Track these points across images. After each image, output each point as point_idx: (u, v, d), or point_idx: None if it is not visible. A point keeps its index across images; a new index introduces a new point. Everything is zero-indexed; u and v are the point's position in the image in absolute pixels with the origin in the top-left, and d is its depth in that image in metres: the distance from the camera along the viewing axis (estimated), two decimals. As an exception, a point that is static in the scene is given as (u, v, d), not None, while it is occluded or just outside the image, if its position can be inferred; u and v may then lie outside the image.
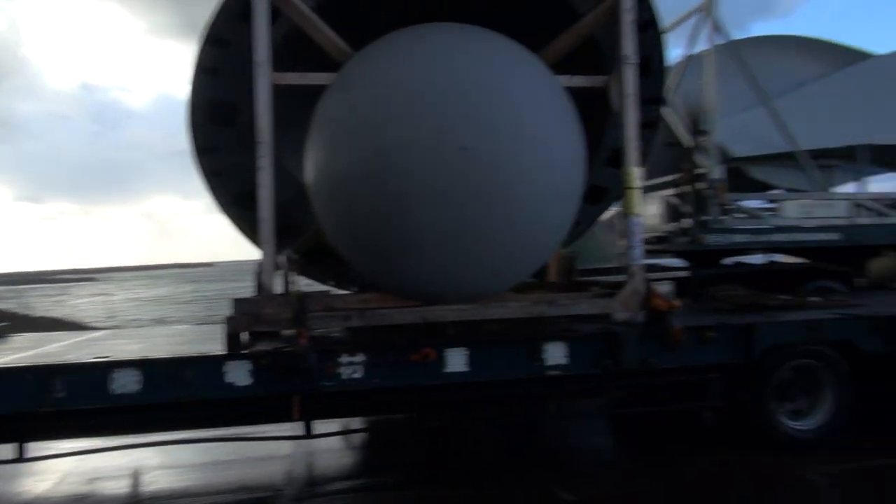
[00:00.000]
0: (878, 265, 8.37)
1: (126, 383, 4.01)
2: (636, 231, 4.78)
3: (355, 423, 5.44)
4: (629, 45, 4.74)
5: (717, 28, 7.41)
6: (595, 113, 4.93)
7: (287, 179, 4.99)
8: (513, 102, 4.39)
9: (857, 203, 8.37)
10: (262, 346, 4.23)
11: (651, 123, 5.27)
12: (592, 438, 5.71)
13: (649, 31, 5.04)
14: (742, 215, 8.04)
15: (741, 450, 4.88)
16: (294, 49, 4.76)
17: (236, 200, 5.31)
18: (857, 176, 9.24)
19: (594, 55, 5.18)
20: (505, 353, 4.52)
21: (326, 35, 4.62)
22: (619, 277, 5.11)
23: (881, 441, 5.04)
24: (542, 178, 4.38)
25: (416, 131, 4.23)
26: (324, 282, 5.83)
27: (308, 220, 5.08)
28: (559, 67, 4.79)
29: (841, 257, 8.02)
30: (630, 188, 4.78)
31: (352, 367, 4.28)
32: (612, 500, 4.36)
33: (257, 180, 4.42)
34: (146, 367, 4.10)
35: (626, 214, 4.84)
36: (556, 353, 4.52)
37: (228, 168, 5.21)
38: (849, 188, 9.62)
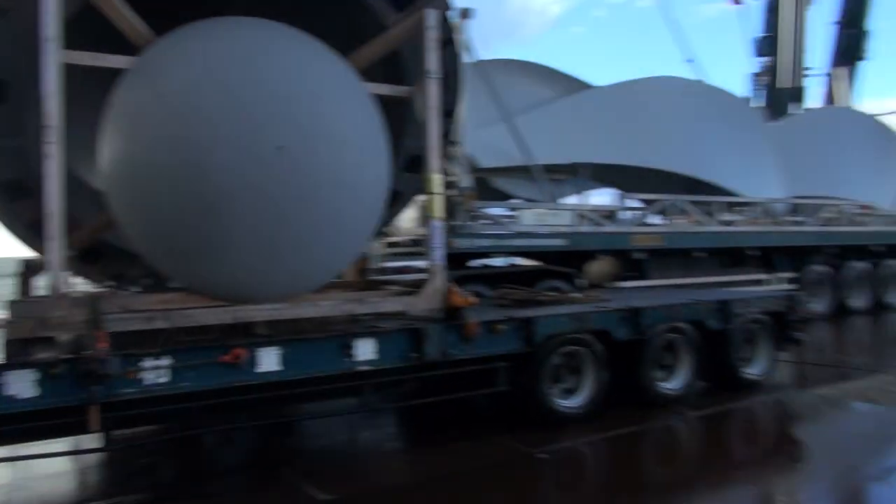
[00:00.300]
0: (595, 268, 9.80)
1: None
2: (438, 234, 5.10)
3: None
4: (433, 61, 5.02)
5: (466, 47, 7.74)
6: (393, 121, 5.09)
7: (34, 183, 4.46)
8: (328, 105, 4.47)
9: (580, 213, 9.65)
10: (50, 354, 3.85)
11: (446, 134, 5.60)
12: (361, 434, 5.75)
13: (448, 48, 5.38)
14: (487, 221, 8.95)
15: (519, 430, 5.38)
16: (86, 29, 4.26)
17: (7, 186, 4.72)
18: (580, 189, 10.52)
19: (395, 65, 5.42)
20: (317, 350, 4.61)
21: (124, 15, 4.32)
22: (414, 277, 5.68)
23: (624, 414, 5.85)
24: (355, 180, 4.51)
25: (232, 127, 4.13)
26: (100, 282, 5.44)
27: (83, 215, 4.79)
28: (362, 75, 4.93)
29: (566, 260, 9.08)
30: (433, 194, 5.09)
31: (157, 371, 4.09)
32: (370, 495, 4.43)
33: (44, 169, 3.98)
34: None
35: (428, 218, 5.14)
36: (366, 349, 4.74)
37: None
38: (573, 200, 11.26)
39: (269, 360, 4.43)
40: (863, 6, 24.65)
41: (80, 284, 5.02)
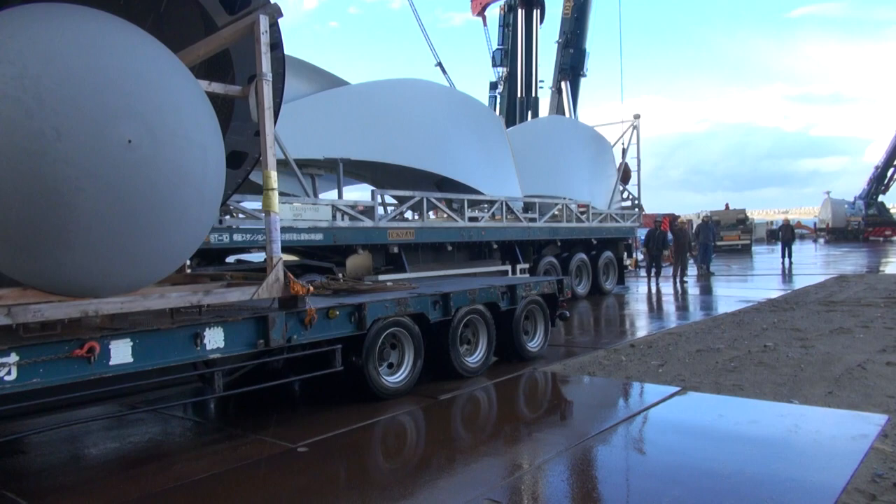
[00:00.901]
0: (353, 262, 10.18)
1: None
2: (275, 227, 5.35)
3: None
4: (265, 64, 5.20)
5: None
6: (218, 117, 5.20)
7: None
8: (171, 100, 4.47)
9: (338, 208, 9.81)
10: None
11: (257, 132, 5.74)
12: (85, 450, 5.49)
13: (276, 51, 5.58)
14: (242, 216, 8.89)
15: (281, 425, 5.67)
16: None
17: None
18: (336, 185, 11.19)
19: (218, 63, 5.57)
20: (169, 340, 4.73)
21: None
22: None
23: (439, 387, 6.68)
24: (197, 175, 4.58)
25: (79, 118, 3.98)
26: None
27: None
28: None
29: (325, 255, 9.47)
30: (269, 189, 5.31)
31: (4, 368, 3.97)
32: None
33: None
34: None
35: (266, 213, 5.32)
36: (215, 338, 4.96)
37: None
38: (331, 195, 11.47)
39: (121, 352, 4.47)
40: (582, 29, 27.96)
41: None
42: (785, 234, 27.85)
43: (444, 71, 22.97)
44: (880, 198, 52.19)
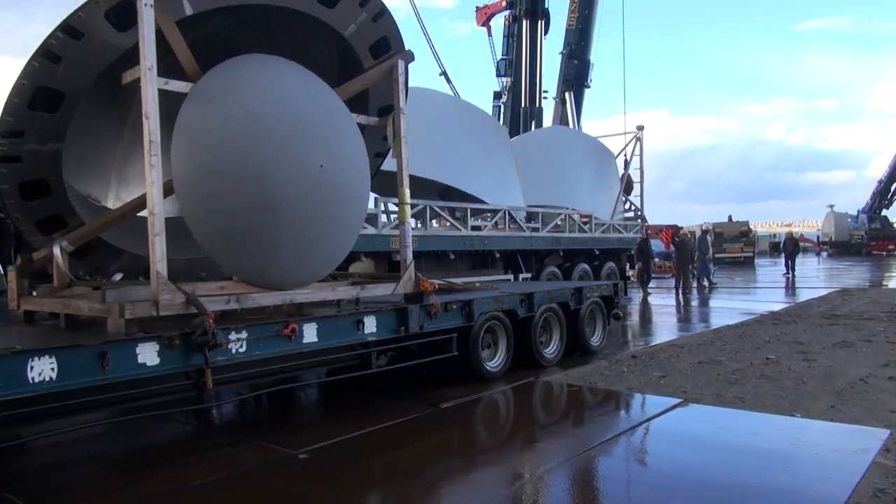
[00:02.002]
0: (356, 269, 10.09)
1: (33, 372, 4.05)
2: (407, 235, 6.54)
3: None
4: (402, 100, 6.38)
5: None
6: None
7: (58, 183, 5.47)
8: (342, 131, 5.74)
9: None
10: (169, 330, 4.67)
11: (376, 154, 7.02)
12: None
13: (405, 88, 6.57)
14: None
15: (280, 431, 5.81)
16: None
17: (23, 188, 5.35)
18: None
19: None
20: (342, 325, 5.86)
21: (183, 48, 4.96)
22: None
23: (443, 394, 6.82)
24: (359, 193, 5.91)
25: (287, 149, 5.15)
26: (81, 275, 5.94)
27: (73, 216, 5.66)
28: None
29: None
30: (403, 204, 6.50)
31: (238, 342, 5.03)
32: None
33: (148, 177, 4.67)
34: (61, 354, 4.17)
35: (401, 223, 6.57)
36: (371, 324, 6.07)
37: (27, 155, 5.17)
38: None
39: (311, 333, 5.53)
40: (586, 40, 28.02)
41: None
42: (788, 247, 27.90)
43: (448, 80, 23.09)
44: (884, 212, 52.12)
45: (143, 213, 4.96)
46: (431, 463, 5.03)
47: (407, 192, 6.44)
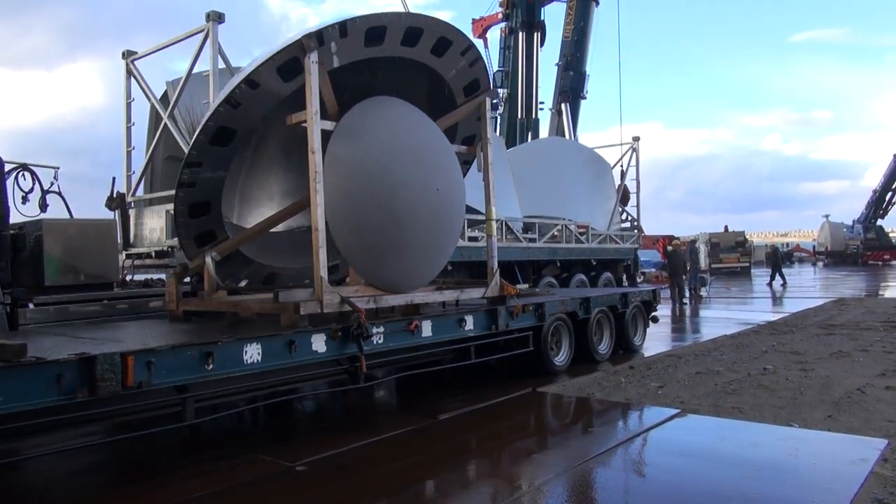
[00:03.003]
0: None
1: (247, 354, 5.05)
2: (494, 247, 7.55)
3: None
4: (489, 131, 7.57)
5: (220, 52, 7.77)
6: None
7: (217, 203, 6.57)
8: (450, 159, 6.94)
9: None
10: (332, 324, 5.66)
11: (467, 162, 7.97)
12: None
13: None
14: None
15: (275, 443, 5.83)
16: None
17: (191, 209, 6.37)
18: None
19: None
20: (449, 322, 6.90)
21: (330, 94, 5.92)
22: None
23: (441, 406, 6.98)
24: (460, 207, 7.11)
25: (411, 174, 6.29)
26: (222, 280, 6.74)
27: (222, 231, 6.75)
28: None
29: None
30: (490, 220, 7.54)
31: (378, 335, 5.99)
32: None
33: (313, 202, 5.62)
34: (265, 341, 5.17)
35: (488, 237, 7.62)
36: (469, 322, 7.06)
37: (201, 181, 6.21)
38: None
39: (426, 329, 6.53)
40: (582, 52, 28.13)
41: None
42: (772, 259, 28.84)
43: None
44: (879, 222, 52.31)
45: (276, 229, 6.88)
46: (428, 475, 5.00)
47: (493, 209, 7.48)
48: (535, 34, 27.04)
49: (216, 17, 7.63)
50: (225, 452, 5.56)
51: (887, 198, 51.10)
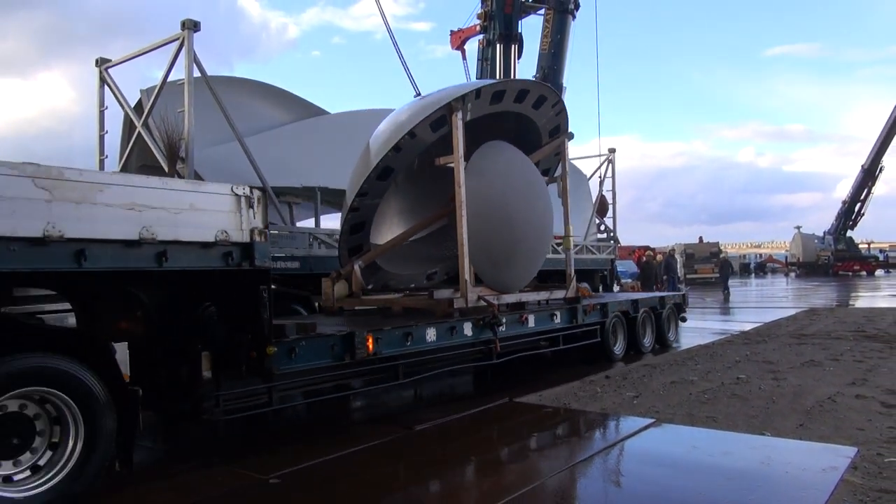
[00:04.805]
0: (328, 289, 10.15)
1: (428, 335, 6.89)
2: (571, 258, 9.49)
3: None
4: (566, 166, 9.46)
5: (195, 61, 7.70)
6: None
7: (370, 224, 8.47)
8: (544, 189, 8.75)
9: (315, 236, 9.57)
10: (477, 315, 7.51)
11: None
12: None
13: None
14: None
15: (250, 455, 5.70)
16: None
17: (352, 228, 8.14)
18: (314, 213, 10.86)
19: None
20: (545, 317, 8.75)
21: (462, 140, 7.42)
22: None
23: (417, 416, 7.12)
24: (551, 228, 8.92)
25: (525, 205, 8.03)
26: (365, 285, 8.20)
27: (367, 244, 8.49)
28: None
29: (301, 283, 9.18)
30: (568, 237, 9.51)
31: (503, 325, 7.64)
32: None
33: (460, 226, 7.36)
34: (438, 326, 7.05)
35: (565, 250, 9.57)
36: (559, 317, 8.95)
37: (363, 206, 8.02)
38: (309, 224, 11.12)
39: (531, 321, 8.38)
40: (559, 65, 28.38)
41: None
42: (723, 270, 30.55)
43: (423, 102, 23.10)
44: (849, 233, 53.33)
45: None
46: (403, 486, 4.98)
47: (571, 227, 9.51)
48: (513, 46, 27.21)
49: (192, 26, 7.58)
50: (198, 464, 5.47)
51: (856, 209, 52.14)
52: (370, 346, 6.11)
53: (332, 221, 11.54)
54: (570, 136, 9.30)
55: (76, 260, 4.12)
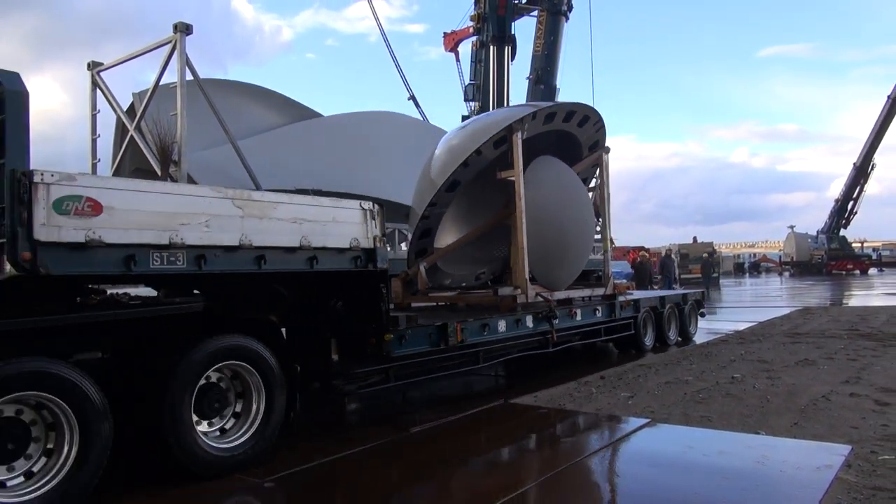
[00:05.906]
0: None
1: (500, 326, 7.95)
2: (609, 258, 10.57)
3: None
4: (605, 177, 10.37)
5: (188, 64, 7.62)
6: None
7: (435, 230, 9.64)
8: (587, 198, 9.96)
9: None
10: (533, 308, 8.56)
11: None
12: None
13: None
14: None
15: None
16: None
17: (421, 234, 9.25)
18: None
19: None
20: (589, 311, 9.79)
21: (520, 155, 8.45)
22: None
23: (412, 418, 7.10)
24: (593, 232, 10.23)
25: (573, 212, 9.15)
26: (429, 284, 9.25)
27: (432, 247, 9.63)
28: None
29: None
30: (606, 240, 10.63)
31: (558, 318, 8.70)
32: None
33: (519, 232, 8.42)
34: (507, 318, 8.11)
35: (604, 252, 10.57)
36: (601, 312, 10.06)
37: (432, 215, 9.13)
38: None
39: (579, 315, 9.44)
40: (552, 66, 28.41)
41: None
42: (704, 269, 31.01)
43: (416, 104, 23.19)
44: (842, 232, 53.53)
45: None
46: (398, 489, 4.97)
47: (609, 234, 10.69)
48: (506, 48, 27.23)
49: (184, 29, 7.55)
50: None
51: (849, 207, 52.33)
52: (459, 335, 7.14)
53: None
54: (607, 150, 10.32)
55: (257, 263, 5.10)
